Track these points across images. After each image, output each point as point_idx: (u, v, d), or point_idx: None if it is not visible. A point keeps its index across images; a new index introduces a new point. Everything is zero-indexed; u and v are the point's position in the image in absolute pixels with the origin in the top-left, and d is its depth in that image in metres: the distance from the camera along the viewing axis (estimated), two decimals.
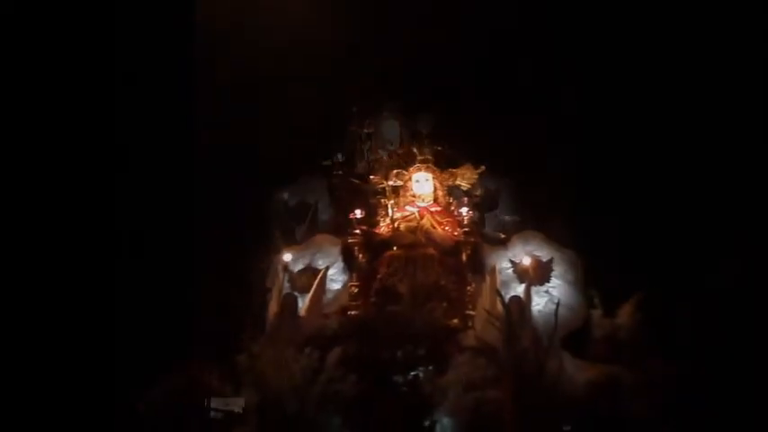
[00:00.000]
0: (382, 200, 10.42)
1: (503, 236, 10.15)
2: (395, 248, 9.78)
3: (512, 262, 9.62)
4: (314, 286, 9.51)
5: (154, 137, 10.05)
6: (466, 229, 9.82)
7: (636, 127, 11.03)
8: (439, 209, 10.28)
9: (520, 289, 9.20)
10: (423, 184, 10.43)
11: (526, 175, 10.91)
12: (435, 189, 10.43)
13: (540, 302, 9.19)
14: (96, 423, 8.09)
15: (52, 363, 8.42)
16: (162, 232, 9.80)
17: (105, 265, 9.22)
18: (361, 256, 9.88)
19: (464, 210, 9.99)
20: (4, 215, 8.74)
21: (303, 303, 9.37)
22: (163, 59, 10.31)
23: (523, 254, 9.52)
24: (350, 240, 9.94)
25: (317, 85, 11.57)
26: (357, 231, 9.90)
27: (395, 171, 10.56)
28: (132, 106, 9.81)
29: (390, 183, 10.46)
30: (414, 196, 10.38)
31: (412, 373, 7.99)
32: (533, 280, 9.28)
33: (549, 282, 9.49)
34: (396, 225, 9.98)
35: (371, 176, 10.66)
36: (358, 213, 9.94)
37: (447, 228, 10.02)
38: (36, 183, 9.11)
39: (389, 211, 10.12)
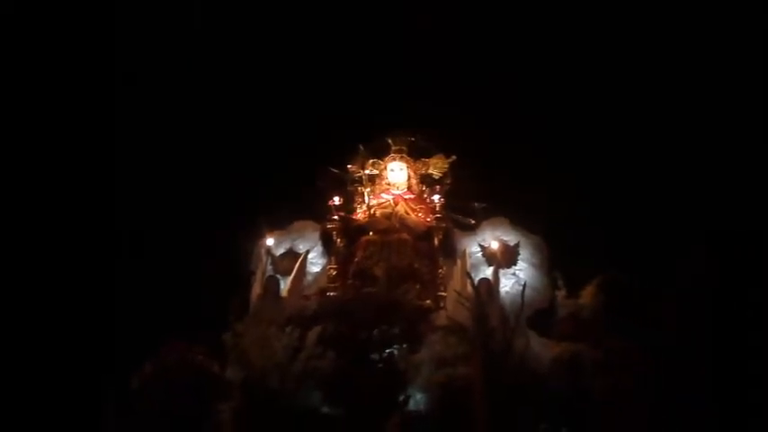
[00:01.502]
0: (359, 188, 10.43)
1: (472, 222, 10.05)
2: (371, 234, 9.92)
3: (481, 246, 9.67)
4: (295, 269, 9.55)
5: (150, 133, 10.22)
6: (438, 216, 9.94)
7: (601, 117, 11.42)
8: (412, 196, 10.41)
9: (488, 271, 9.20)
10: (397, 172, 10.53)
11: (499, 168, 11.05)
12: (409, 177, 10.55)
13: (507, 284, 9.22)
14: (89, 398, 8.23)
15: (49, 341, 8.72)
16: (154, 220, 10.03)
17: (102, 255, 9.48)
18: (339, 240, 9.99)
19: (436, 197, 10.09)
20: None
21: (285, 285, 9.37)
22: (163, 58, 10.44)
23: (492, 239, 9.54)
24: (329, 226, 10.03)
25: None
26: (335, 217, 9.97)
27: (371, 160, 10.57)
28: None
29: (367, 171, 10.50)
30: (389, 184, 10.50)
31: (387, 351, 8.07)
32: (501, 263, 9.28)
33: (515, 265, 9.50)
34: (372, 212, 10.08)
35: (349, 166, 10.56)
36: (336, 200, 10.00)
37: (420, 214, 10.16)
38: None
39: (366, 198, 10.18)
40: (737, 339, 8.52)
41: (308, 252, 9.92)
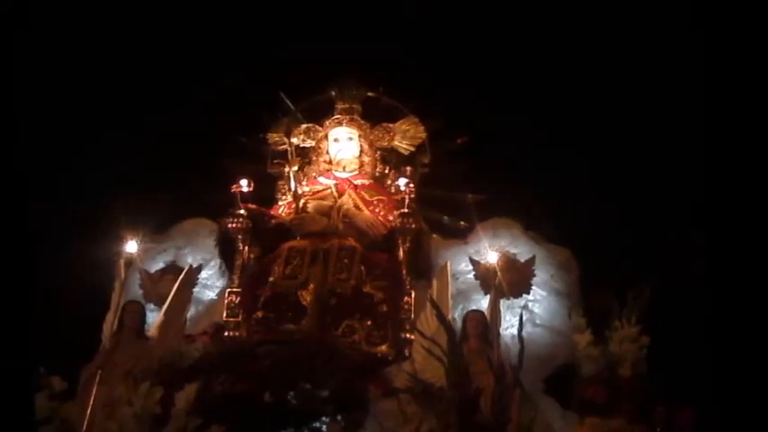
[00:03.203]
0: (282, 167, 9.71)
1: (462, 224, 9.73)
2: (297, 238, 9.00)
3: (473, 262, 9.02)
4: (172, 293, 8.67)
5: None
6: (406, 212, 9.04)
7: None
8: (367, 182, 9.73)
9: (484, 302, 8.63)
10: (344, 144, 9.86)
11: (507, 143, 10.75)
12: (362, 152, 9.92)
13: (513, 322, 8.24)
14: None
15: None
16: None
17: None
18: (245, 248, 9.11)
19: (402, 182, 9.25)
20: None
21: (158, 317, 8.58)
22: None
23: (491, 250, 8.71)
24: (230, 225, 9.10)
25: None
26: (242, 212, 9.07)
27: (303, 125, 9.93)
28: None
29: (295, 141, 9.70)
30: (330, 162, 9.87)
31: (310, 426, 7.46)
32: (504, 288, 8.69)
33: (528, 292, 8.95)
34: (301, 204, 9.22)
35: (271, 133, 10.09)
36: (243, 185, 9.10)
37: (378, 209, 9.41)
38: None
39: (292, 182, 9.24)
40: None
41: (199, 268, 9.25)
